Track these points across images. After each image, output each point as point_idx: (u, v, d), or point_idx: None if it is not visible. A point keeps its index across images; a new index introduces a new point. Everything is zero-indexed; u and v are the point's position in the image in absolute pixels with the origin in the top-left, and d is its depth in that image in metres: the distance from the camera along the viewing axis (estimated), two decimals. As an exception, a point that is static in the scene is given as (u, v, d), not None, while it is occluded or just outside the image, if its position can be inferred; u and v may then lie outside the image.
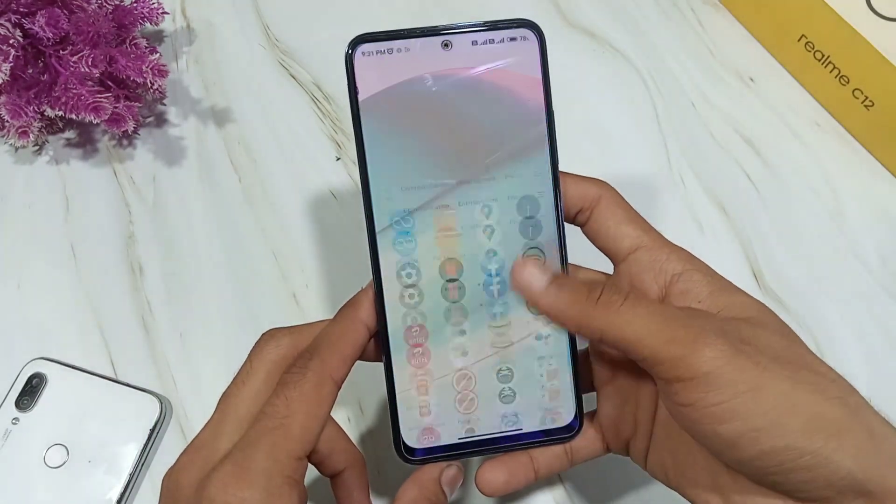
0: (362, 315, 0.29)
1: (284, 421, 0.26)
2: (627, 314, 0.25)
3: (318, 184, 0.47)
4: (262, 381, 0.28)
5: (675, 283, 0.28)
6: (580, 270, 0.32)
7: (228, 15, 0.53)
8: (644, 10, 0.53)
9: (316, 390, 0.27)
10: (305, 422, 0.27)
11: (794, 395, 0.23)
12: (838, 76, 0.47)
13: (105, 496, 0.38)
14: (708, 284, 0.28)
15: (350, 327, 0.29)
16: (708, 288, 0.28)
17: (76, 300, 0.44)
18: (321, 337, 0.29)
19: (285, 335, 0.29)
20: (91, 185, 0.47)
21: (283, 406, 0.27)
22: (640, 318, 0.25)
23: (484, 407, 0.30)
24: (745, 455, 0.24)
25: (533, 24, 0.29)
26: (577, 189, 0.30)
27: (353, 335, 0.29)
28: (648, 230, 0.30)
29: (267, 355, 0.29)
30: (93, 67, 0.42)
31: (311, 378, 0.27)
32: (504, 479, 0.30)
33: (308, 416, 0.27)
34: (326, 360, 0.28)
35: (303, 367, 0.27)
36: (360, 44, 0.28)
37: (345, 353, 0.28)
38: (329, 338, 0.29)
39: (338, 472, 0.30)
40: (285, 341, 0.29)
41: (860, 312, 0.44)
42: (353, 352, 0.29)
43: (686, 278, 0.28)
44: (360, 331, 0.29)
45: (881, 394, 0.41)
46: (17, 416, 0.40)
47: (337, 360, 0.28)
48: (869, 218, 0.46)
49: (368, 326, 0.29)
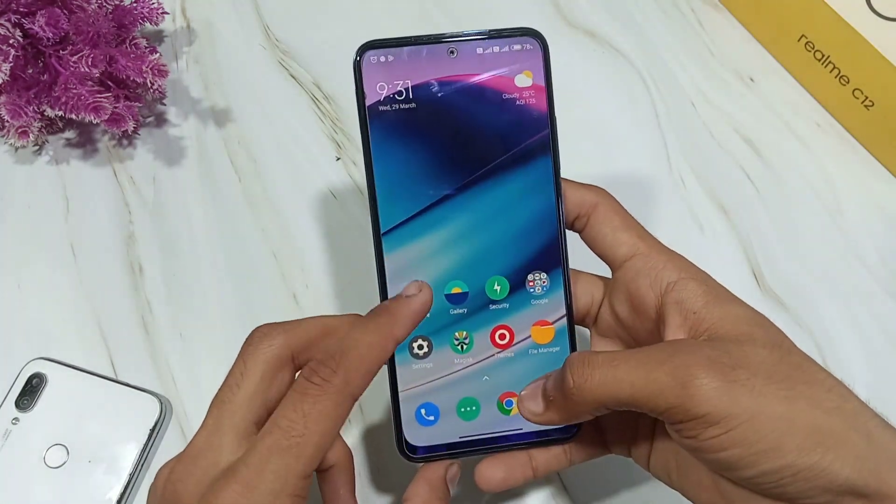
0: (397, 332, 0.28)
1: (300, 440, 0.25)
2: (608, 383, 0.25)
3: (318, 184, 0.47)
4: (256, 383, 0.27)
5: (670, 293, 0.28)
6: (580, 275, 0.32)
7: (228, 15, 0.53)
8: (644, 10, 0.53)
9: (336, 408, 0.26)
10: (320, 442, 0.25)
11: (791, 414, 0.24)
12: (838, 76, 0.47)
13: (105, 496, 0.38)
14: (703, 295, 0.27)
15: (382, 343, 0.27)
16: (703, 299, 0.27)
17: (76, 300, 0.44)
18: (350, 346, 0.27)
19: (279, 333, 0.28)
20: (91, 185, 0.47)
21: (299, 423, 0.25)
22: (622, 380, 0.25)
23: (485, 406, 0.31)
24: (745, 475, 0.24)
25: (537, 32, 0.30)
26: (575, 195, 0.30)
27: (384, 353, 0.27)
28: (645, 237, 0.30)
29: (261, 355, 0.27)
30: (93, 67, 0.42)
31: (333, 395, 0.26)
32: (502, 476, 0.30)
33: (323, 437, 0.25)
34: (351, 376, 0.26)
35: (326, 380, 0.26)
36: (369, 50, 0.29)
37: (370, 369, 0.27)
38: (358, 349, 0.27)
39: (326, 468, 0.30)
40: (279, 340, 0.28)
41: (860, 312, 0.44)
42: (378, 368, 0.27)
43: (681, 287, 0.28)
44: (389, 348, 0.28)
45: (881, 394, 0.41)
46: (17, 416, 0.40)
47: (362, 376, 0.26)
48: (869, 218, 0.46)
49: (399, 343, 0.28)
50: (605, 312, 0.32)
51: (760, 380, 0.24)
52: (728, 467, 0.25)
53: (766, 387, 0.24)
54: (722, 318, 0.27)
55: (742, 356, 0.25)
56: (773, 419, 0.24)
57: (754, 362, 0.25)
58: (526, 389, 0.30)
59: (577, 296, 0.31)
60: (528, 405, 0.29)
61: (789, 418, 0.24)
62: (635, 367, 0.25)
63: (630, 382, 0.25)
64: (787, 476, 0.23)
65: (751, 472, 0.24)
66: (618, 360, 0.26)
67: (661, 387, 0.24)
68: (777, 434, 0.23)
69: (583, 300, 0.32)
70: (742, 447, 0.24)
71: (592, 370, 0.26)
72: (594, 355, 0.26)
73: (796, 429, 0.23)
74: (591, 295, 0.32)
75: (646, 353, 0.26)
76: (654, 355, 0.25)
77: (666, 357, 0.25)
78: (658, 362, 0.25)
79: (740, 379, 0.24)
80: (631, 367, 0.25)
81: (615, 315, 0.31)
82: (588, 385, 0.26)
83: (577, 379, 0.26)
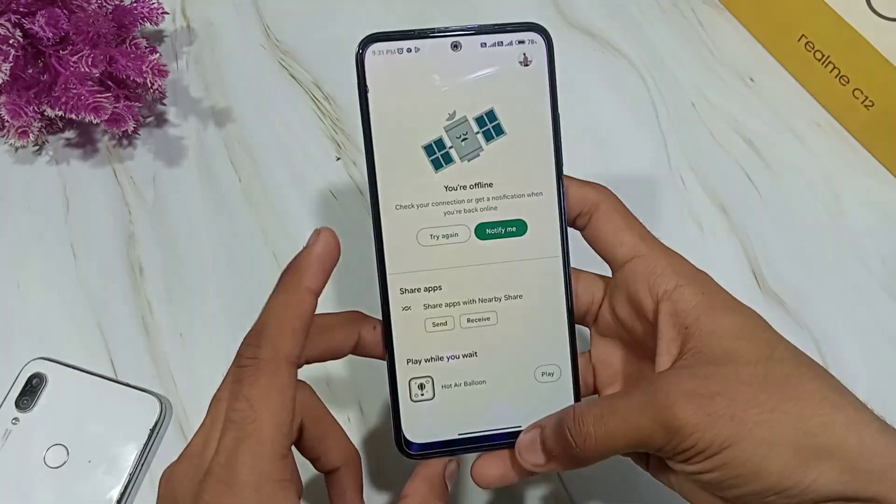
0: (306, 282, 0.26)
1: (254, 426, 0.24)
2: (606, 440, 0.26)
3: (318, 184, 0.47)
4: None
5: (665, 302, 0.28)
6: (581, 274, 0.32)
7: (228, 15, 0.53)
8: (644, 9, 0.53)
9: (274, 381, 0.25)
10: (274, 419, 0.25)
11: (772, 437, 0.24)
12: (838, 76, 0.47)
13: (105, 496, 0.38)
14: (695, 308, 0.27)
15: (294, 298, 0.26)
16: (694, 313, 0.27)
17: (76, 300, 0.44)
18: (265, 314, 0.26)
19: None
20: (91, 185, 0.47)
21: (247, 409, 0.25)
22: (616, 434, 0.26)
23: (484, 404, 0.30)
24: (731, 494, 0.25)
25: (541, 27, 0.29)
26: (577, 193, 0.30)
27: (301, 306, 0.26)
28: (646, 237, 0.30)
29: None
30: (93, 67, 0.42)
31: (266, 368, 0.25)
32: (499, 472, 0.30)
33: (276, 413, 0.25)
34: (277, 343, 0.25)
35: (253, 357, 0.25)
36: (371, 43, 0.28)
37: (294, 327, 0.26)
38: (273, 314, 0.26)
39: (333, 470, 0.30)
40: None
41: (860, 312, 0.44)
42: (303, 323, 0.26)
43: (676, 297, 0.28)
44: (306, 300, 0.26)
45: (881, 394, 0.41)
46: (17, 416, 0.40)
47: (287, 338, 0.26)
48: (869, 218, 0.46)
49: (314, 292, 0.27)
50: (605, 312, 0.31)
51: (741, 405, 0.24)
52: (715, 488, 0.25)
53: (746, 413, 0.24)
54: (709, 334, 0.27)
55: (722, 381, 0.25)
56: (755, 444, 0.24)
57: (733, 386, 0.25)
58: (523, 439, 0.29)
59: (578, 294, 0.31)
60: (530, 458, 0.29)
61: (770, 442, 0.24)
62: (623, 421, 0.26)
63: (622, 435, 0.26)
64: (772, 496, 0.24)
65: (737, 492, 0.25)
66: (607, 411, 0.26)
67: (648, 433, 0.25)
68: (759, 458, 0.24)
69: (583, 299, 0.32)
70: (725, 470, 0.24)
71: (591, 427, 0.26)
72: (587, 410, 0.27)
73: (778, 451, 0.24)
74: (591, 294, 0.32)
75: (627, 401, 0.26)
76: (636, 400, 0.26)
77: (648, 400, 0.26)
78: (640, 410, 0.26)
79: (719, 410, 0.24)
80: (620, 421, 0.26)
81: (615, 315, 0.31)
82: (588, 444, 0.26)
83: (580, 441, 0.27)
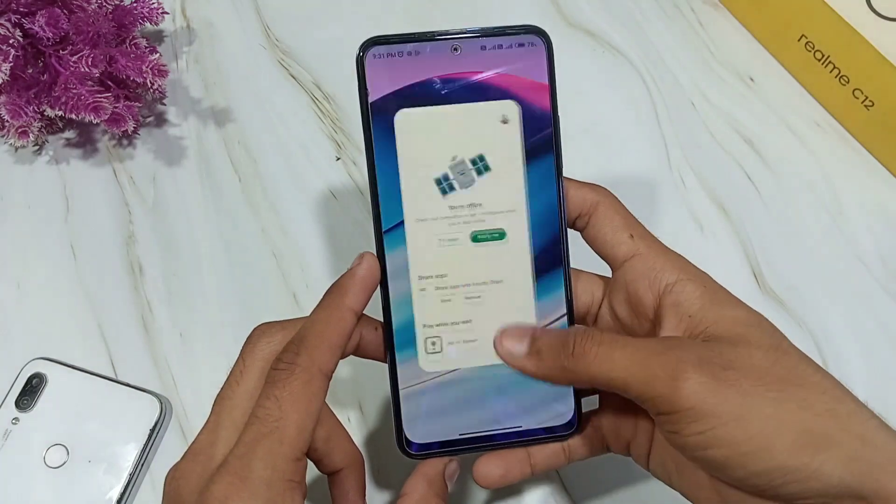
0: (348, 301, 0.28)
1: (278, 424, 0.25)
2: (605, 362, 0.26)
3: (318, 184, 0.47)
4: (255, 379, 0.27)
5: (668, 295, 0.28)
6: (581, 274, 0.32)
7: (228, 15, 0.53)
8: (644, 9, 0.53)
9: (306, 387, 0.26)
10: (299, 422, 0.26)
11: (780, 416, 0.24)
12: (838, 76, 0.47)
13: (105, 496, 0.38)
14: (699, 297, 0.28)
15: (336, 315, 0.28)
16: (699, 301, 0.28)
17: (76, 300, 0.44)
18: (307, 327, 0.28)
19: (277, 330, 0.28)
20: (91, 185, 0.47)
21: (274, 408, 0.26)
22: (618, 362, 0.26)
23: (484, 404, 0.30)
24: (736, 475, 0.25)
25: (541, 30, 0.29)
26: (577, 194, 0.30)
27: (341, 323, 0.28)
28: (645, 237, 0.30)
29: (259, 352, 0.28)
30: (93, 67, 0.43)
31: (300, 375, 0.26)
32: (500, 472, 0.30)
33: (301, 416, 0.26)
34: (314, 353, 0.27)
35: (290, 363, 0.27)
36: (372, 46, 0.29)
37: (332, 342, 0.27)
38: (315, 327, 0.28)
39: (336, 471, 0.30)
40: (278, 337, 0.28)
41: (860, 312, 0.44)
42: (341, 340, 0.28)
43: (679, 289, 0.28)
44: (346, 318, 0.28)
45: (881, 394, 0.41)
46: (17, 416, 0.40)
47: (325, 351, 0.27)
48: (869, 218, 0.46)
49: (355, 312, 0.28)
50: (605, 312, 0.32)
51: (750, 381, 0.24)
52: (717, 467, 0.25)
53: (755, 388, 0.24)
54: (718, 320, 0.27)
55: (735, 357, 0.25)
56: (761, 420, 0.24)
57: (746, 364, 0.25)
58: (510, 328, 0.29)
59: (578, 295, 0.31)
60: (510, 344, 0.29)
61: (778, 419, 0.24)
62: (633, 353, 0.26)
63: (625, 366, 0.26)
64: (778, 478, 0.24)
65: (741, 472, 0.24)
66: (619, 343, 0.26)
67: (652, 376, 0.25)
68: (765, 435, 0.24)
69: (583, 299, 0.32)
70: (729, 447, 0.24)
71: (595, 346, 0.26)
72: (599, 333, 0.27)
73: (785, 430, 0.24)
74: (591, 294, 0.32)
75: (644, 343, 0.26)
76: (652, 346, 0.26)
77: (662, 349, 0.26)
78: (654, 353, 0.26)
79: (730, 379, 0.24)
80: (629, 353, 0.26)
81: (615, 315, 0.31)
82: (587, 358, 0.26)
83: (579, 348, 0.26)
